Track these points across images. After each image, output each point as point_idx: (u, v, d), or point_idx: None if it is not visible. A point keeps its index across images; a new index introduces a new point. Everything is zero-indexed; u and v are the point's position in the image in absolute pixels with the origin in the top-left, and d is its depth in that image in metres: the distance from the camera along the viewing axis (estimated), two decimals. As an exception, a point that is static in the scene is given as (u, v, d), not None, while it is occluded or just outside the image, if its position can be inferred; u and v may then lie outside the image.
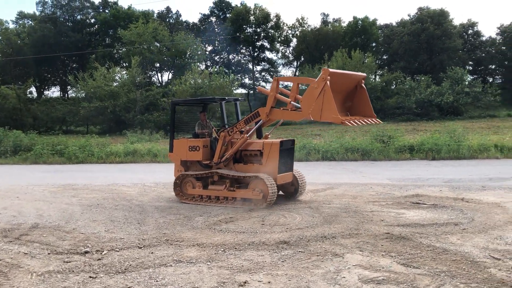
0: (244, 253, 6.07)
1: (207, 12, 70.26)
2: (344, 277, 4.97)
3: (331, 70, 8.25)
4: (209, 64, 66.31)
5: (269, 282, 4.93)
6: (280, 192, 10.08)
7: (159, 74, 59.52)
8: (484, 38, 59.58)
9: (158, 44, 52.64)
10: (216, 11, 68.76)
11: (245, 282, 4.95)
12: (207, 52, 65.79)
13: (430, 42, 53.52)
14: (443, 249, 5.93)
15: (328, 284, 4.79)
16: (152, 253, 6.21)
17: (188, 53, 55.32)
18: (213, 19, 69.45)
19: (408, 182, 12.32)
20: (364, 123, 8.58)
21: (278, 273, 5.19)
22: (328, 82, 8.05)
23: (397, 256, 5.69)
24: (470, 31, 60.21)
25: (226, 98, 10.89)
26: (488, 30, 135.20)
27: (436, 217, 7.92)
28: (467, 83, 41.96)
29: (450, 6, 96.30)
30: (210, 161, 10.05)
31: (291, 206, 9.46)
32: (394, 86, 48.73)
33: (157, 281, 5.10)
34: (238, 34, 63.25)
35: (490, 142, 18.67)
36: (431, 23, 53.56)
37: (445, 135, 19.40)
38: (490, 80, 57.28)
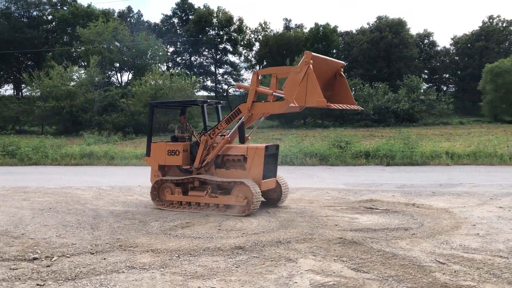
0: (198, 258, 6.05)
1: (169, 13, 69.66)
2: (296, 282, 5.05)
3: (313, 53, 8.08)
4: (170, 65, 65.73)
5: (222, 288, 4.94)
6: (262, 199, 9.66)
7: (119, 74, 58.41)
8: (439, 48, 62.00)
9: (118, 44, 51.66)
10: (178, 12, 68.31)
11: (198, 289, 4.94)
12: (169, 53, 65.18)
13: (388, 50, 55.17)
14: (392, 254, 6.12)
15: (280, 290, 4.86)
16: (104, 259, 6.09)
17: (149, 54, 54.58)
18: (175, 20, 68.90)
19: (363, 187, 12.64)
20: (347, 107, 8.58)
21: (231, 279, 5.21)
22: (311, 66, 7.88)
23: (349, 260, 5.84)
24: (426, 41, 62.51)
25: (208, 101, 10.48)
26: (443, 40, 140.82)
27: (388, 222, 8.16)
28: (422, 91, 43.48)
29: (407, 16, 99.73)
30: (190, 166, 9.72)
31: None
32: (353, 92, 49.87)
33: (108, 288, 5.01)
34: (200, 36, 63.00)
35: (441, 149, 19.41)
36: (389, 32, 55.26)
37: (400, 142, 20.03)
38: (444, 89, 59.57)
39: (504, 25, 56.98)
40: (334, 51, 62.75)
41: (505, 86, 40.91)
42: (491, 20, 57.76)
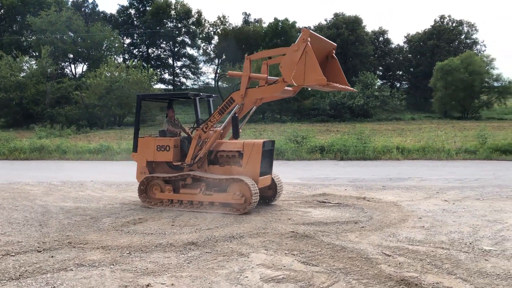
0: (150, 255, 6.01)
1: (126, 3, 67.92)
2: (247, 276, 5.12)
3: (311, 31, 7.82)
4: (127, 57, 64.29)
5: (172, 285, 4.93)
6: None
7: (73, 66, 56.64)
8: (393, 46, 63.68)
9: (72, 34, 49.99)
10: (135, 3, 66.72)
11: (147, 285, 4.91)
12: (125, 45, 63.75)
13: (344, 47, 56.14)
14: (341, 246, 6.30)
15: (230, 285, 4.91)
16: (52, 257, 5.93)
17: (105, 45, 53.16)
18: (132, 11, 67.33)
19: (317, 181, 12.89)
20: (345, 88, 8.48)
21: (182, 275, 5.21)
22: (309, 43, 7.64)
23: (299, 254, 5.96)
24: (380, 38, 64.07)
25: (201, 94, 9.98)
26: (397, 38, 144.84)
27: (339, 216, 8.38)
28: (376, 87, 44.69)
29: (363, 14, 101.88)
30: (182, 163, 9.19)
31: (203, 206, 9.51)
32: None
33: (54, 287, 4.89)
34: (158, 28, 61.92)
35: (393, 144, 20.07)
36: (346, 29, 56.23)
37: (353, 137, 20.54)
38: (397, 85, 61.40)
39: (454, 25, 59.31)
40: (293, 46, 63.23)
41: (454, 84, 42.71)
42: (442, 20, 60.00)
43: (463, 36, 59.96)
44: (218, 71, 63.67)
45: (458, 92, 42.88)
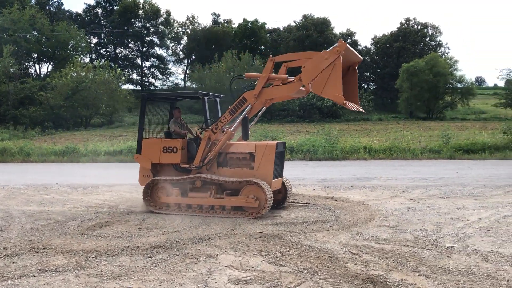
0: (116, 259, 5.90)
1: (92, 2, 66.55)
2: (215, 278, 5.09)
3: (347, 44, 7.59)
4: (94, 57, 63.04)
5: (139, 288, 4.86)
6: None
7: (37, 66, 55.05)
8: (360, 47, 64.66)
9: (36, 33, 48.63)
10: (102, 2, 65.48)
11: (113, 290, 4.82)
12: (92, 45, 62.47)
13: (313, 48, 56.58)
14: (309, 246, 6.35)
15: (198, 287, 4.87)
16: (13, 263, 5.75)
17: (71, 45, 51.96)
18: (99, 10, 66.04)
19: (287, 182, 12.96)
20: (358, 110, 8.25)
21: (149, 278, 5.14)
22: (341, 57, 7.42)
23: (267, 255, 5.98)
24: (348, 40, 64.94)
25: (209, 94, 9.58)
26: (364, 40, 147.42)
27: (307, 216, 8.46)
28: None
29: (331, 15, 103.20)
30: (190, 165, 8.79)
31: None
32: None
33: (15, 294, 4.74)
34: (126, 27, 60.98)
35: (360, 144, 20.42)
36: (315, 31, 56.82)
37: (322, 137, 20.79)
38: (365, 86, 62.45)
39: (419, 27, 60.81)
40: (262, 47, 63.52)
41: (420, 85, 43.77)
42: (407, 22, 61.38)
43: (427, 39, 61.51)
44: (187, 72, 63.22)
45: (423, 93, 43.97)
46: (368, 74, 64.98)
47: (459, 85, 46.97)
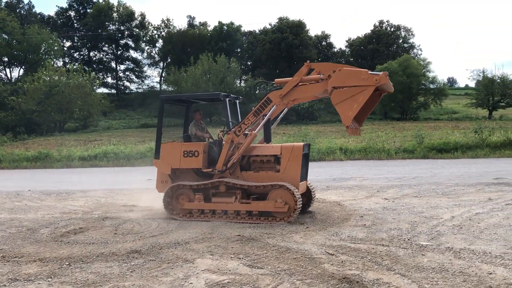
0: (91, 265, 5.80)
1: (65, 5, 65.45)
2: (192, 283, 5.06)
3: (388, 77, 7.42)
4: (67, 61, 61.99)
5: (114, 295, 4.79)
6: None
7: (8, 70, 53.76)
8: (335, 50, 65.46)
9: (6, 37, 47.50)
10: (75, 5, 64.47)
11: (88, 297, 4.74)
12: (65, 48, 61.42)
13: (289, 50, 57.12)
14: (286, 248, 6.38)
15: (175, 292, 4.84)
16: (-17, 273, 5.59)
17: (43, 48, 50.95)
18: (72, 13, 64.98)
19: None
20: (355, 133, 7.96)
21: (125, 285, 5.07)
22: (375, 87, 7.34)
23: (245, 257, 5.97)
24: (323, 43, 65.70)
25: (230, 95, 9.27)
26: (339, 42, 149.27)
27: (285, 218, 8.47)
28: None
29: (306, 18, 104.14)
30: (212, 169, 8.47)
31: (148, 212, 9.33)
32: (258, 91, 51.04)
33: (-15, 304, 4.61)
34: (100, 31, 60.20)
35: (336, 145, 20.63)
36: (290, 33, 57.19)
37: (299, 139, 20.91)
38: (341, 88, 63.05)
39: (392, 29, 61.89)
40: (238, 50, 63.62)
41: (393, 86, 44.33)
42: (381, 25, 62.42)
43: (400, 41, 62.66)
44: (163, 75, 62.71)
45: (397, 94, 44.62)
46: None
47: (432, 86, 47.92)
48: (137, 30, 64.40)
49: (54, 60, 53.46)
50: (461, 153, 19.60)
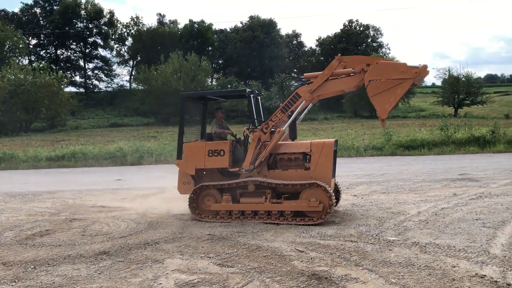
0: (57, 268, 5.67)
1: (30, 2, 63.62)
2: (161, 283, 5.02)
3: (427, 70, 7.19)
4: (33, 59, 60.33)
5: (81, 298, 4.71)
6: None
7: (-31, 68, 51.88)
8: (306, 49, 65.99)
9: (-33, 34, 45.93)
10: (41, 2, 62.76)
11: (54, 301, 4.64)
12: (31, 46, 59.76)
13: (260, 49, 57.21)
14: (257, 246, 6.40)
15: (144, 293, 4.79)
16: None
17: (7, 46, 49.43)
18: (38, 10, 63.26)
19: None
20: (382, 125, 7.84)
21: (92, 287, 4.99)
22: (413, 81, 7.16)
23: (215, 256, 5.96)
24: (294, 42, 66.11)
25: (255, 91, 8.96)
26: (309, 41, 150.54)
27: (256, 216, 8.49)
28: (292, 89, 46.08)
29: (277, 17, 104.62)
30: (239, 168, 8.15)
31: (118, 213, 9.20)
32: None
33: None
34: (67, 28, 58.83)
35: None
36: (261, 32, 57.31)
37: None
38: (312, 87, 63.67)
39: (361, 29, 62.82)
40: (210, 48, 63.32)
41: (363, 85, 45.15)
42: (350, 24, 63.24)
43: (369, 40, 63.67)
44: (133, 73, 61.85)
45: (366, 92, 45.44)
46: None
47: (400, 85, 48.80)
48: (106, 28, 63.23)
49: (19, 58, 52.01)
50: (428, 150, 20.08)
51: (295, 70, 64.71)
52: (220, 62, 64.70)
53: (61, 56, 63.14)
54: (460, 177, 12.61)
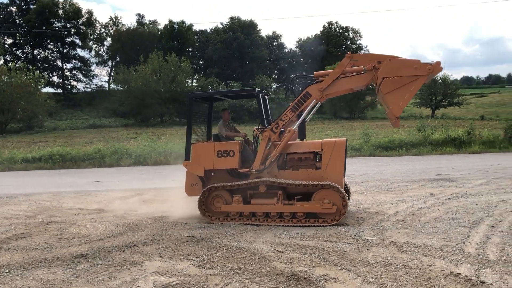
0: (33, 272, 5.57)
1: (5, 0, 62.24)
2: (139, 286, 4.97)
3: (441, 66, 7.09)
4: (9, 58, 59.06)
5: (57, 302, 4.64)
6: None
7: None
8: (286, 50, 66.26)
9: None
10: (17, 0, 61.48)
11: (29, 305, 4.56)
12: (6, 46, 58.49)
13: (241, 50, 57.23)
14: (236, 247, 6.40)
15: (122, 295, 4.74)
16: None
17: (-18, 46, 48.35)
18: (14, 9, 61.99)
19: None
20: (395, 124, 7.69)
21: (69, 290, 4.92)
22: (428, 76, 7.09)
23: (194, 258, 5.94)
24: (275, 43, 66.32)
25: (264, 91, 8.81)
26: (290, 43, 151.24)
27: (236, 217, 8.49)
28: (272, 90, 46.27)
29: (258, 18, 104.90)
30: (250, 169, 7.97)
31: (96, 215, 9.08)
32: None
33: None
34: (44, 28, 57.81)
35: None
36: (242, 33, 57.35)
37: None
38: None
39: (341, 31, 63.42)
40: (190, 49, 63.04)
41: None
42: (330, 26, 63.78)
43: (349, 42, 64.31)
44: (112, 74, 61.14)
45: (346, 94, 45.91)
46: (293, 76, 66.67)
47: (379, 86, 49.46)
48: (84, 27, 62.34)
49: (-5, 58, 50.93)
50: (406, 150, 20.39)
51: (275, 72, 64.95)
52: (201, 63, 64.45)
53: (38, 56, 62.00)
54: (437, 177, 12.84)
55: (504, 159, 16.91)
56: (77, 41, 62.84)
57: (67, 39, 61.83)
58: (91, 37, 63.38)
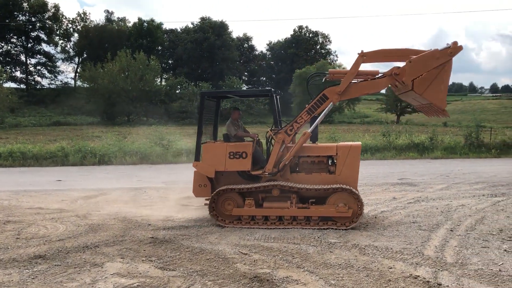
0: (-13, 273, 5.37)
1: (-34, -9, 59.73)
2: (99, 287, 4.87)
3: (459, 45, 6.88)
4: (-32, 52, 56.91)
5: (12, 304, 4.48)
6: None
7: None
8: (257, 52, 66.50)
9: None
10: (-22, -9, 59.13)
11: (-19, 308, 4.39)
12: (-34, 38, 56.28)
13: (211, 51, 57.07)
14: (200, 249, 6.36)
15: (80, 298, 4.63)
16: None
17: None
18: (-25, 0, 59.59)
19: (182, 184, 12.81)
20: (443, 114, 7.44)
21: (25, 292, 4.76)
22: (452, 60, 6.87)
23: (157, 260, 5.86)
24: (246, 45, 66.46)
25: (278, 91, 8.54)
26: (260, 45, 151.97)
27: (201, 218, 8.45)
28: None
29: (229, 19, 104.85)
30: (262, 171, 7.73)
31: (56, 215, 8.83)
32: (179, 90, 50.38)
33: None
34: (7, 21, 55.92)
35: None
36: (212, 34, 57.18)
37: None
38: (261, 90, 64.34)
39: (311, 35, 64.14)
40: (159, 48, 62.35)
41: (312, 90, 46.10)
42: (300, 30, 64.40)
43: (318, 46, 65.12)
44: (78, 71, 59.74)
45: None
46: (264, 78, 67.01)
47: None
48: (50, 22, 60.67)
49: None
50: (371, 154, 20.76)
51: (245, 73, 65.06)
52: (170, 62, 63.84)
53: (0, 50, 59.91)
54: (400, 181, 13.13)
55: (464, 165, 17.47)
56: (43, 35, 61.09)
57: (32, 34, 59.99)
58: (58, 32, 61.76)
